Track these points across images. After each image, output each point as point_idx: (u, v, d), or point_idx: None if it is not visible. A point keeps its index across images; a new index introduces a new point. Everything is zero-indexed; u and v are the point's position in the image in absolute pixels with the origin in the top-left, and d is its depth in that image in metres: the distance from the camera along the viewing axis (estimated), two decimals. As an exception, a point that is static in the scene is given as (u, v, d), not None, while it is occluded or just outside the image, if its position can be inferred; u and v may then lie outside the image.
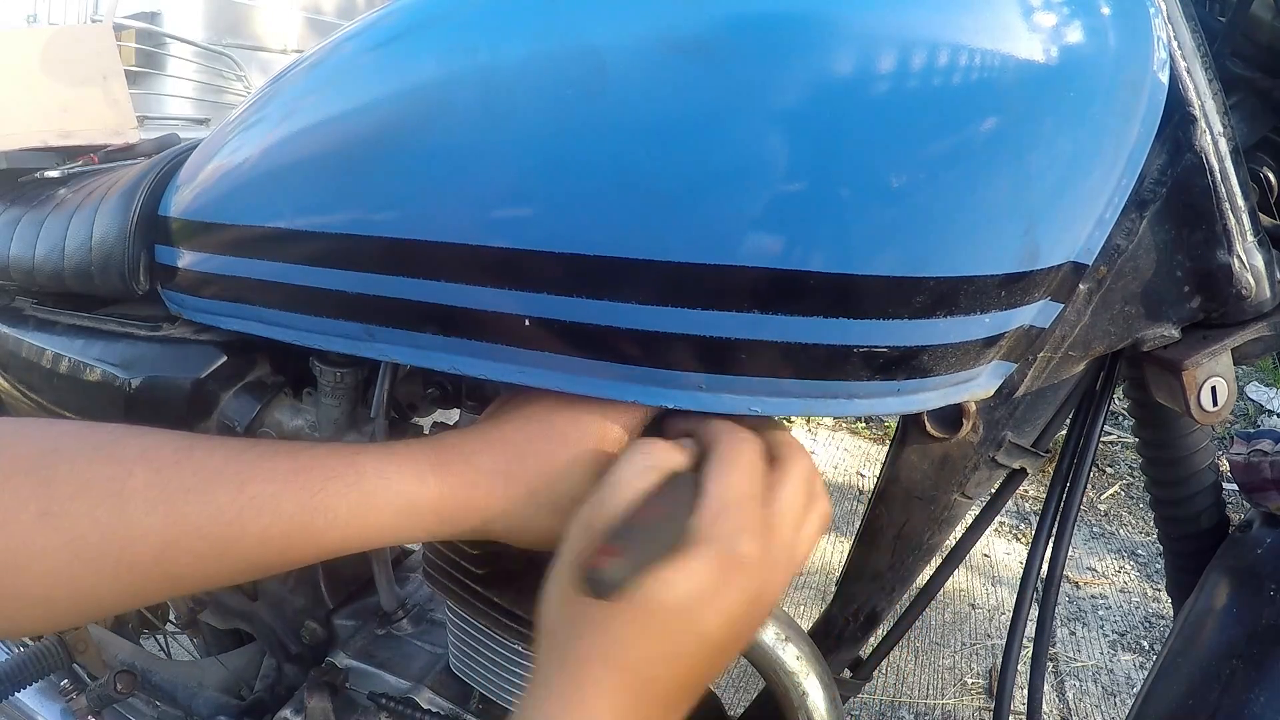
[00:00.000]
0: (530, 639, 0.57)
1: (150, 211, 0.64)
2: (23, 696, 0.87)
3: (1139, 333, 0.51)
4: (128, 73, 1.22)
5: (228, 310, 0.61)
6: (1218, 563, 0.62)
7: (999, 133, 0.38)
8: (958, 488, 0.59)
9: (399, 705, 0.67)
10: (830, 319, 0.40)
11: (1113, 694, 1.70)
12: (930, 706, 1.63)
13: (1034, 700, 0.63)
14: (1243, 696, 0.52)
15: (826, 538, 2.14)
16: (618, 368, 0.44)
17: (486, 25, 0.42)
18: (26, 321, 0.77)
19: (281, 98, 0.54)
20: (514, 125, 0.41)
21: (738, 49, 0.37)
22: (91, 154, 0.98)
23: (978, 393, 0.49)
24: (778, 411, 0.45)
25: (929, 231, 0.39)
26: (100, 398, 0.69)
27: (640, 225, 0.40)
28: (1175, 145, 0.46)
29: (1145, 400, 0.61)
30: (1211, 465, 0.65)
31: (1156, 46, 0.42)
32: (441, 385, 0.66)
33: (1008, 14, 0.37)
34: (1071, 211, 0.43)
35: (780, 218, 0.38)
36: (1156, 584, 2.07)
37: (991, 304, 0.43)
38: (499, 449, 0.45)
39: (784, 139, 0.37)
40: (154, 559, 0.39)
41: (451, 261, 0.45)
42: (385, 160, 0.45)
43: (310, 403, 0.68)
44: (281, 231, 0.52)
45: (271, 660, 0.85)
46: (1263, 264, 0.49)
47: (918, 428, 0.56)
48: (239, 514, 0.40)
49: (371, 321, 0.51)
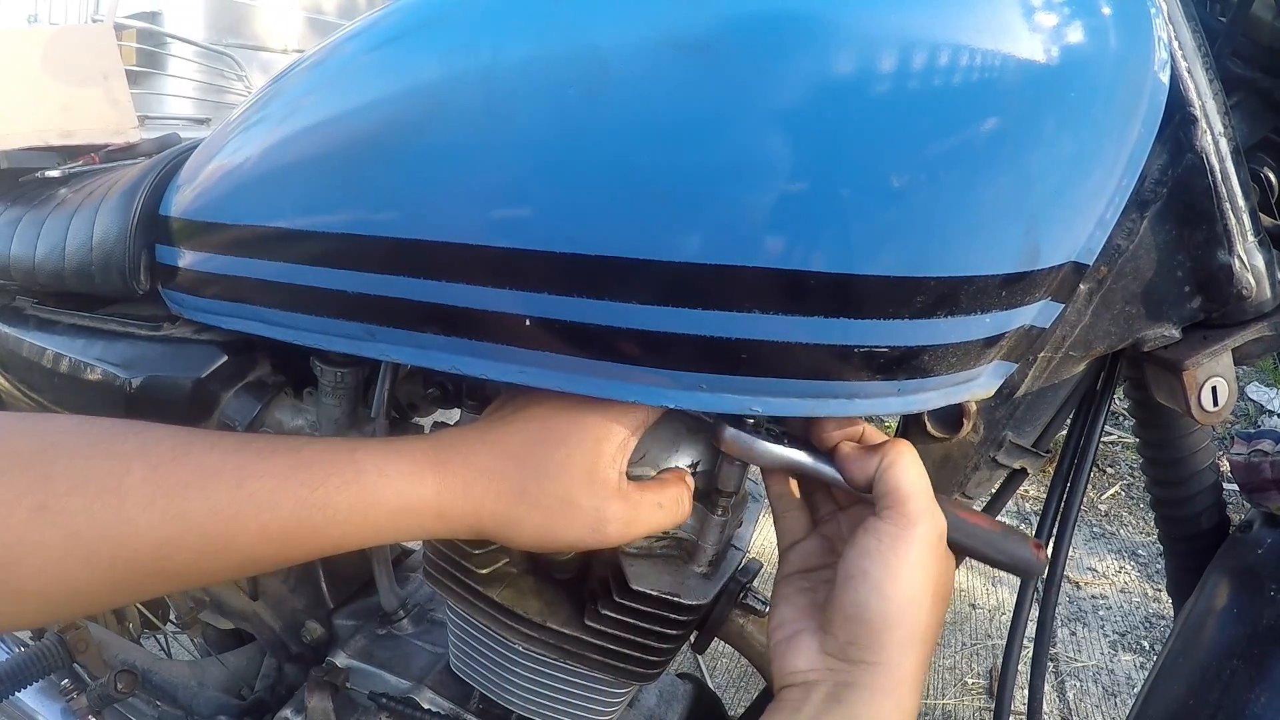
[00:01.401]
0: (531, 639, 0.58)
1: (151, 211, 0.64)
2: (23, 696, 0.87)
3: (1139, 333, 0.51)
4: (128, 72, 1.22)
5: (228, 310, 0.61)
6: (1218, 563, 0.62)
7: (999, 133, 0.38)
8: (958, 488, 0.59)
9: (399, 705, 0.67)
10: (831, 319, 0.40)
11: (1113, 694, 1.69)
12: (931, 706, 1.63)
13: (1034, 700, 0.63)
14: (1243, 696, 0.52)
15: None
16: (618, 367, 0.44)
17: (487, 25, 0.42)
18: (27, 321, 0.77)
19: (282, 97, 0.54)
20: (514, 125, 0.41)
21: (739, 49, 0.37)
22: (92, 154, 0.98)
23: (978, 393, 0.49)
24: (778, 412, 0.45)
25: (930, 231, 0.39)
26: (101, 398, 0.69)
27: (640, 225, 0.40)
28: (1176, 145, 0.46)
29: (1146, 400, 0.61)
30: (1212, 465, 0.65)
31: (1157, 47, 0.42)
32: (442, 385, 0.66)
33: (1008, 14, 0.37)
34: (1072, 211, 0.43)
35: (781, 218, 0.38)
36: (1157, 584, 2.07)
37: (992, 304, 0.43)
38: (497, 449, 0.45)
39: (785, 139, 0.37)
40: (151, 555, 0.39)
41: (452, 261, 0.45)
42: (386, 160, 0.45)
43: (311, 402, 0.68)
44: (282, 231, 0.52)
45: (271, 660, 0.85)
46: (1263, 264, 0.49)
47: (918, 428, 0.56)
48: (237, 510, 0.40)
49: (372, 321, 0.51)
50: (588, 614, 0.56)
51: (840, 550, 0.46)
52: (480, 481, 0.45)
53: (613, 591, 0.53)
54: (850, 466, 0.46)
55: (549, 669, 0.60)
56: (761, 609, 0.64)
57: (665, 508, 0.48)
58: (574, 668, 0.58)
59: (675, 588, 0.53)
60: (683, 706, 0.76)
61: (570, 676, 0.60)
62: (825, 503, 0.52)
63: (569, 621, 0.57)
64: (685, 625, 0.55)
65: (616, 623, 0.54)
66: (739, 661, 1.65)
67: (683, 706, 0.76)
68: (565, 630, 0.57)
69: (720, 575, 0.55)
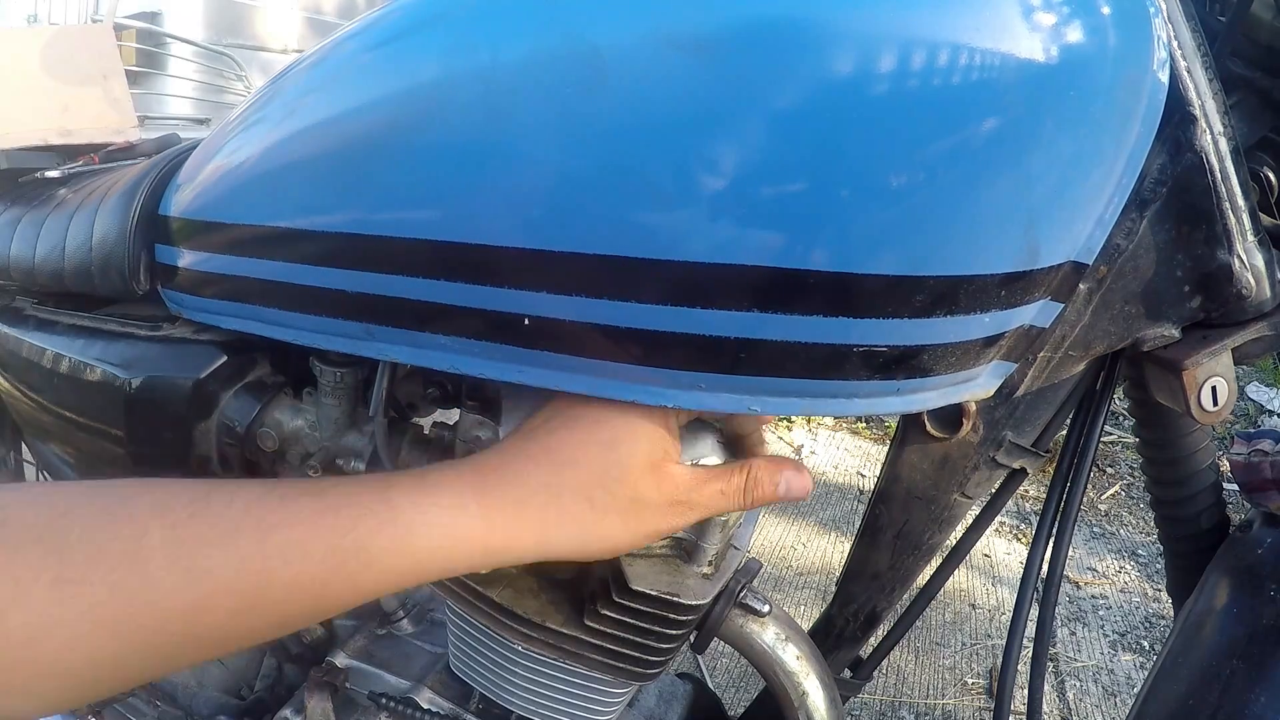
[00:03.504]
0: (530, 639, 0.58)
1: (150, 211, 0.64)
2: (23, 696, 0.86)
3: (1139, 332, 0.51)
4: (128, 72, 1.23)
5: (228, 310, 0.61)
6: (1218, 563, 0.62)
7: (999, 132, 0.38)
8: (958, 488, 0.59)
9: (399, 705, 0.67)
10: (830, 318, 0.40)
11: (1113, 694, 1.69)
12: (930, 707, 1.63)
13: (1034, 700, 0.63)
14: (1243, 696, 0.52)
15: (826, 537, 2.14)
16: (618, 367, 0.44)
17: (486, 24, 0.42)
18: (27, 321, 0.77)
19: (282, 97, 0.54)
20: (513, 124, 0.41)
21: (738, 48, 0.37)
22: (92, 154, 0.98)
23: (978, 393, 0.49)
24: (778, 411, 0.45)
25: (929, 230, 0.39)
26: (100, 398, 0.69)
27: (640, 224, 0.40)
28: (1175, 145, 0.46)
29: (1145, 400, 0.61)
30: (1212, 465, 0.65)
31: (1156, 46, 0.42)
32: (441, 385, 0.66)
33: (1008, 14, 0.37)
34: (1071, 211, 0.43)
35: (780, 217, 0.38)
36: (1157, 584, 2.07)
37: (991, 303, 0.43)
38: (544, 461, 0.43)
39: (784, 138, 0.37)
40: (181, 618, 0.37)
41: (451, 261, 0.45)
42: (385, 160, 0.45)
43: (310, 402, 0.68)
44: (282, 231, 0.52)
45: (271, 660, 0.85)
46: (1263, 263, 0.49)
47: (918, 428, 0.57)
48: (265, 563, 0.38)
49: (371, 321, 0.51)
50: (587, 614, 0.56)
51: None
52: (536, 499, 0.42)
53: (612, 591, 0.53)
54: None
55: (548, 669, 0.60)
56: (761, 609, 0.64)
57: (727, 495, 0.46)
58: (573, 668, 0.58)
59: (675, 588, 0.53)
60: (683, 706, 0.76)
61: (570, 676, 0.60)
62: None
63: (568, 621, 0.57)
64: (685, 625, 0.55)
65: (616, 623, 0.54)
66: (739, 661, 1.65)
67: (683, 706, 0.76)
68: (565, 630, 0.57)
69: (720, 575, 0.55)
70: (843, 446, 2.69)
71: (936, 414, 0.56)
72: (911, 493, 0.61)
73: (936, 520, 0.62)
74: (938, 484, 0.60)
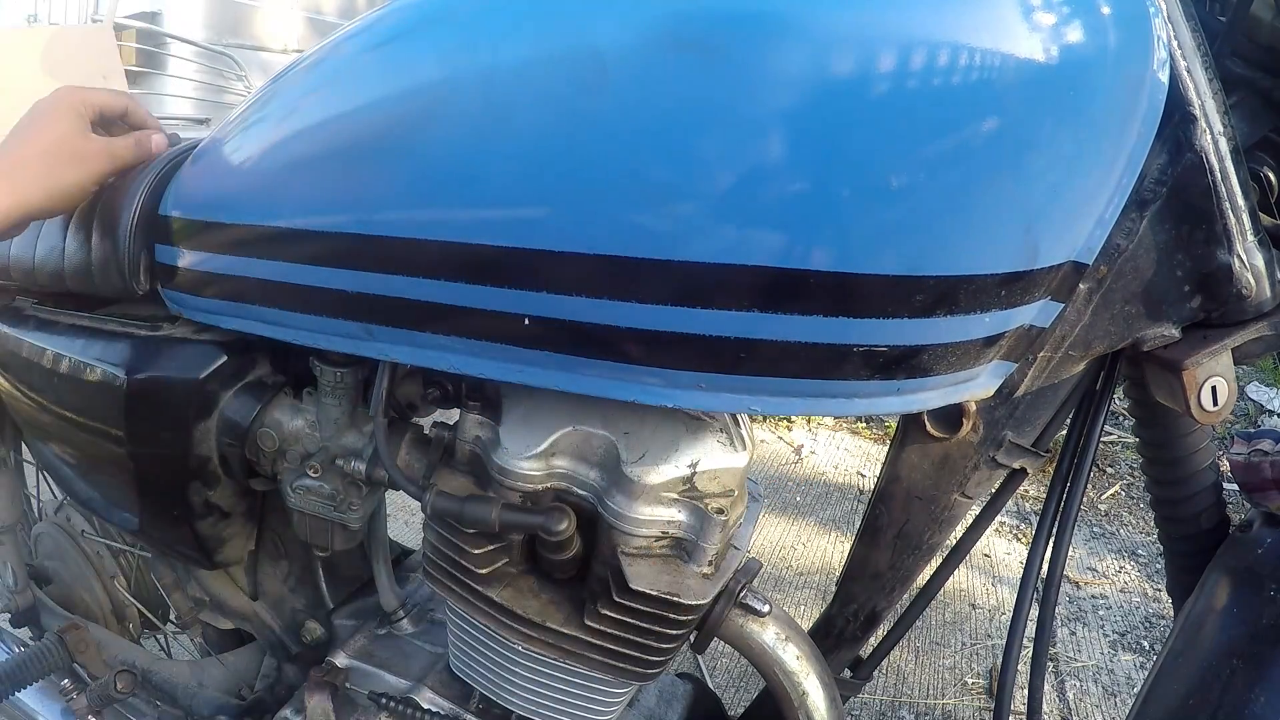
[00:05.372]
0: (530, 639, 0.58)
1: (150, 211, 0.64)
2: (23, 696, 0.86)
3: (1139, 332, 0.51)
4: (128, 73, 1.23)
5: (228, 310, 0.61)
6: (1218, 563, 0.62)
7: (999, 132, 0.38)
8: (958, 487, 0.59)
9: (399, 705, 0.67)
10: (830, 318, 0.40)
11: (1113, 694, 1.69)
12: (930, 706, 1.63)
13: (1034, 700, 0.63)
14: (1243, 696, 0.52)
15: (826, 537, 2.14)
16: (617, 366, 0.44)
17: (486, 25, 0.42)
18: (27, 321, 0.77)
19: (282, 97, 0.54)
20: (514, 124, 0.41)
21: (738, 48, 0.37)
22: (92, 154, 0.97)
23: (978, 392, 0.49)
24: (777, 411, 0.45)
25: (929, 230, 0.39)
26: (100, 398, 0.69)
27: (640, 224, 0.40)
28: (1175, 145, 0.46)
29: (1145, 400, 0.61)
30: (1212, 465, 0.65)
31: (1156, 46, 0.42)
32: (441, 385, 0.66)
33: (1008, 14, 0.37)
34: (1071, 211, 0.43)
35: (780, 217, 0.38)
36: (1157, 584, 2.07)
37: (991, 303, 0.43)
38: (11, 144, 0.61)
39: (784, 138, 0.37)
40: None
41: (451, 261, 0.45)
42: (385, 160, 0.45)
43: (310, 402, 0.68)
44: (281, 231, 0.52)
45: (271, 660, 0.85)
46: (1263, 263, 0.49)
47: (918, 428, 0.57)
48: None
49: (371, 321, 0.51)
50: (587, 614, 0.56)
51: None
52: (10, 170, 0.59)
53: (612, 591, 0.53)
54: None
55: (548, 669, 0.60)
56: (761, 609, 0.64)
57: (126, 148, 0.64)
58: (573, 668, 0.58)
59: (675, 588, 0.53)
60: (683, 706, 0.76)
61: (570, 676, 0.60)
62: None
63: (568, 621, 0.57)
64: (685, 625, 0.55)
65: (616, 623, 0.54)
66: (739, 661, 1.65)
67: (683, 706, 0.76)
68: (565, 630, 0.57)
69: (720, 575, 0.55)
70: (843, 446, 2.68)
71: (936, 414, 0.56)
72: (911, 492, 0.61)
73: (936, 520, 0.62)
74: (938, 484, 0.60)
